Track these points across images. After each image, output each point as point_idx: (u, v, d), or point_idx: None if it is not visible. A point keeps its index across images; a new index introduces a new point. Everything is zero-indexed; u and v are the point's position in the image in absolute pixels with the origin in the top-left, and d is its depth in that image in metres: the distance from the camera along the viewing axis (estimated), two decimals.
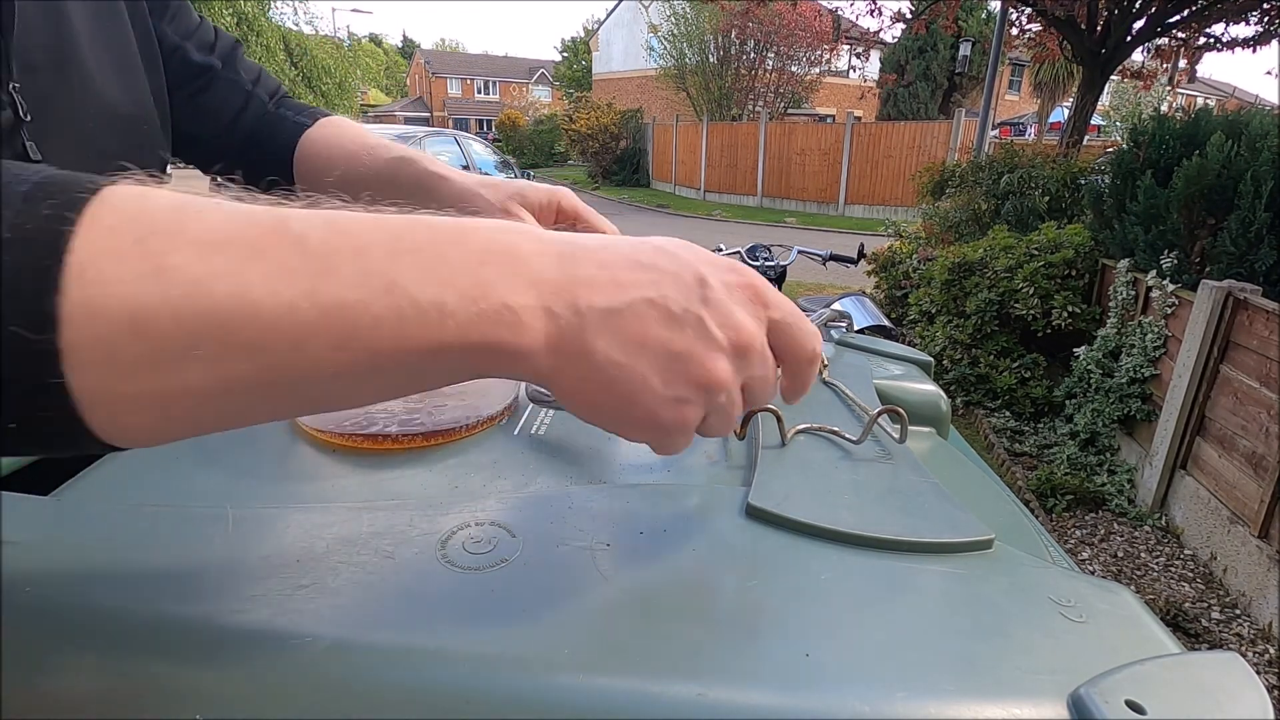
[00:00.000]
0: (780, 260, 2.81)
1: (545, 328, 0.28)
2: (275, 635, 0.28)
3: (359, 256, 0.26)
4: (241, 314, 0.23)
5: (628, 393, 0.29)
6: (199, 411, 0.25)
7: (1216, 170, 2.78)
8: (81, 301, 0.22)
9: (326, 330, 0.25)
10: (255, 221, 0.25)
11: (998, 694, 0.28)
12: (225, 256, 0.24)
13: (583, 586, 0.32)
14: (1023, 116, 21.70)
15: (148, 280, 0.22)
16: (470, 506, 0.37)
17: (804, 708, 0.26)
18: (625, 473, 0.43)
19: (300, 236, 0.25)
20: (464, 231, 0.28)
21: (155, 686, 0.27)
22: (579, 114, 18.95)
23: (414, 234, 0.27)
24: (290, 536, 0.34)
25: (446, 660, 0.27)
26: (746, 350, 0.31)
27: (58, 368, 0.22)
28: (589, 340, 0.29)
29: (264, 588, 0.30)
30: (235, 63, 0.69)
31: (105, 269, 0.22)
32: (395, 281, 0.26)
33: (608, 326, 0.29)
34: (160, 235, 0.23)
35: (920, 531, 0.37)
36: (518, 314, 0.27)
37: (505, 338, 0.27)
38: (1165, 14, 5.18)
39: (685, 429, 0.31)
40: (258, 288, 0.24)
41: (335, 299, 0.25)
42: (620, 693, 0.27)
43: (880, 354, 0.74)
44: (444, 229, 0.28)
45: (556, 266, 0.29)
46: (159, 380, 0.23)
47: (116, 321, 0.22)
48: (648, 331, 0.29)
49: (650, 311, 0.30)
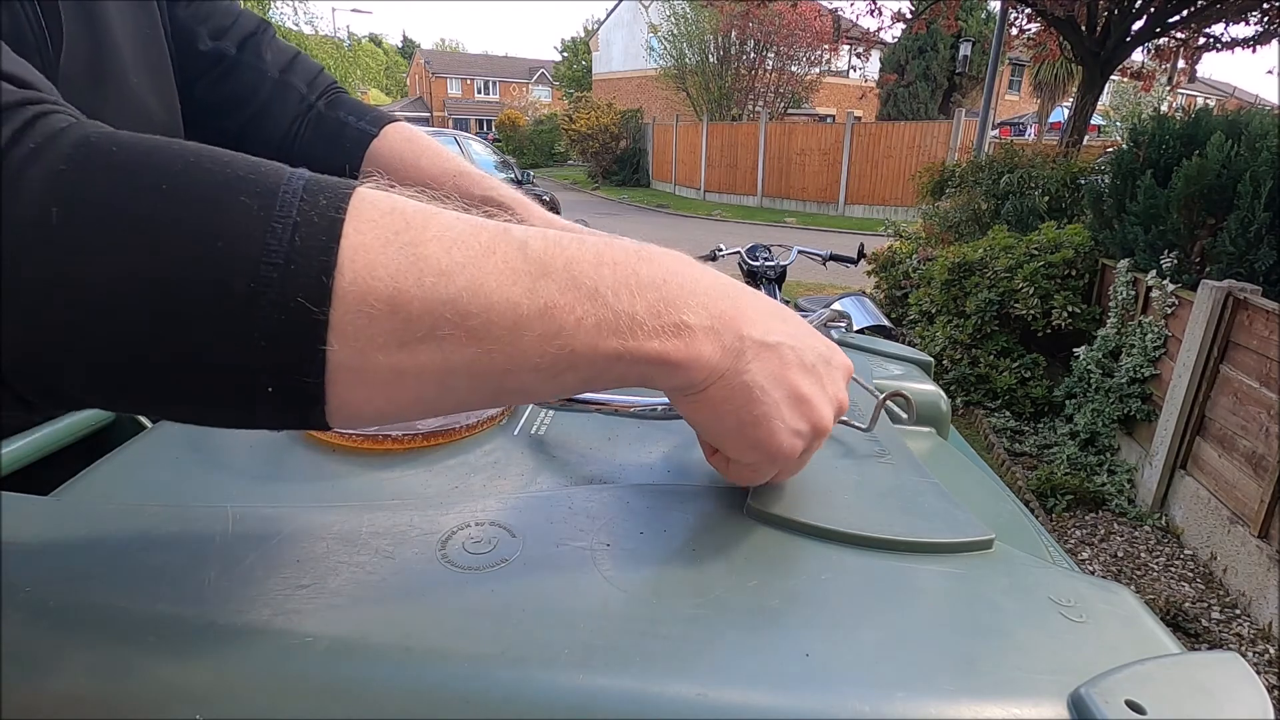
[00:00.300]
0: (780, 260, 2.81)
1: (711, 347, 0.32)
2: (275, 635, 0.28)
3: (570, 265, 0.29)
4: (476, 303, 0.27)
5: (762, 416, 0.34)
6: (421, 391, 0.28)
7: (1216, 170, 2.78)
8: (353, 280, 0.25)
9: (539, 325, 0.28)
10: (483, 226, 0.29)
11: (998, 694, 0.28)
12: (465, 252, 0.27)
13: (583, 586, 0.32)
14: (1023, 116, 21.69)
15: (406, 267, 0.26)
16: (470, 506, 0.37)
17: (804, 707, 0.26)
18: (625, 473, 0.43)
19: (522, 242, 0.29)
20: (651, 254, 0.32)
21: (155, 686, 0.27)
22: (579, 114, 18.94)
23: (611, 251, 0.31)
24: (290, 536, 0.34)
25: (446, 660, 0.27)
26: (839, 413, 0.38)
27: (326, 338, 0.25)
28: (744, 364, 0.33)
29: (264, 588, 0.30)
30: (260, 48, 0.64)
31: (374, 255, 0.25)
32: (597, 289, 0.29)
33: (759, 357, 0.34)
34: (414, 229, 0.27)
35: (920, 531, 0.37)
36: (693, 330, 0.31)
37: (679, 351, 0.31)
38: (1165, 14, 5.18)
39: (790, 458, 0.36)
40: (490, 281, 0.27)
41: (550, 299, 0.28)
42: (620, 693, 0.27)
43: (880, 354, 0.74)
44: (634, 249, 0.32)
45: (725, 298, 0.33)
46: (401, 357, 0.26)
47: (380, 300, 0.25)
48: (788, 371, 0.35)
49: (791, 355, 0.35)
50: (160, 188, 0.24)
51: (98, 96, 0.50)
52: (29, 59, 0.44)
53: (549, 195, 8.57)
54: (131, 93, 0.53)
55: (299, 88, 0.65)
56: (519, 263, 0.28)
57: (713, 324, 0.32)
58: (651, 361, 0.31)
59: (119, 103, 0.52)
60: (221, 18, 0.63)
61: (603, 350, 0.29)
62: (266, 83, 0.63)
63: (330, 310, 0.25)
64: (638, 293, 0.30)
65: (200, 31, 0.61)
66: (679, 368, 0.31)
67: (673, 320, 0.31)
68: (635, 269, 0.31)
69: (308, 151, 0.65)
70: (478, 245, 0.27)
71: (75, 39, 0.48)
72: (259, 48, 0.64)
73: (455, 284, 0.26)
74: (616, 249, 0.31)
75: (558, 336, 0.28)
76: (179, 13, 0.60)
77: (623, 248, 0.31)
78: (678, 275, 0.32)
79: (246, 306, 0.24)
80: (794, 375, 0.35)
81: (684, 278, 0.32)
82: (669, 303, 0.31)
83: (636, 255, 0.31)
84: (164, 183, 0.24)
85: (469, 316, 0.27)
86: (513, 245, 0.28)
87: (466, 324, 0.27)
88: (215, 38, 0.62)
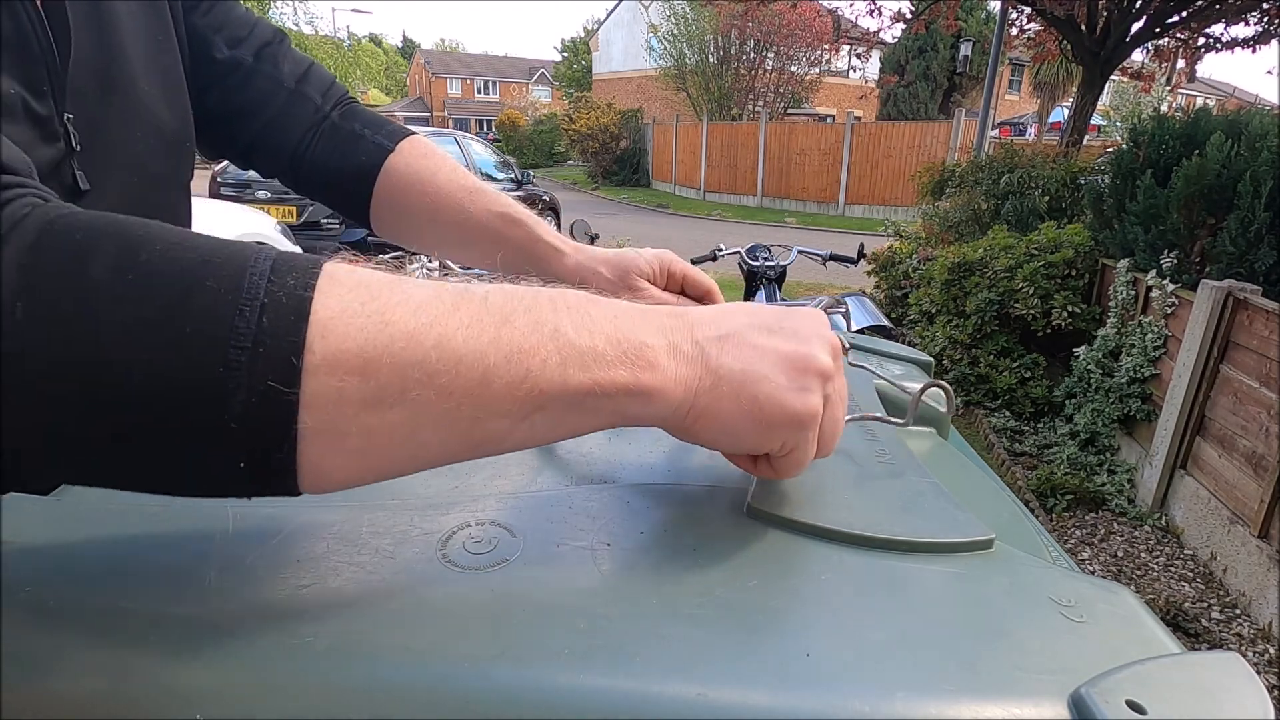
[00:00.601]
0: (780, 260, 2.81)
1: (675, 361, 0.33)
2: (275, 635, 0.28)
3: (530, 311, 0.30)
4: (445, 360, 0.27)
5: (761, 394, 0.34)
6: (393, 452, 0.28)
7: (1216, 170, 2.78)
8: (324, 356, 0.25)
9: (506, 372, 0.29)
10: (446, 287, 0.30)
11: (998, 694, 0.28)
12: (430, 313, 0.28)
13: (583, 586, 0.32)
14: (1023, 116, 21.70)
15: (375, 334, 0.26)
16: (470, 506, 0.37)
17: (804, 708, 0.26)
18: (625, 473, 0.43)
19: (483, 297, 0.30)
20: (596, 298, 0.33)
21: (155, 686, 0.27)
22: (579, 114, 18.94)
23: (565, 297, 0.32)
24: (290, 536, 0.34)
25: (446, 660, 0.27)
26: (835, 352, 0.37)
27: (297, 415, 0.25)
28: (712, 360, 0.34)
29: (264, 588, 0.30)
30: (276, 58, 0.64)
31: (342, 326, 0.26)
32: (559, 329, 0.30)
33: (724, 347, 0.34)
34: (380, 299, 0.27)
35: (920, 531, 0.37)
36: (654, 350, 0.32)
37: (647, 376, 0.32)
38: (1165, 14, 5.18)
39: (814, 414, 0.35)
40: (458, 337, 0.28)
41: (515, 344, 0.29)
42: (620, 693, 0.26)
43: (880, 354, 0.74)
44: (583, 294, 0.33)
45: (670, 315, 0.35)
46: (372, 421, 0.27)
47: (350, 371, 0.26)
48: (756, 341, 0.35)
49: (750, 332, 0.35)
50: (126, 276, 0.24)
51: (106, 104, 0.50)
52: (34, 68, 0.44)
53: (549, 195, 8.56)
54: (140, 101, 0.52)
55: (314, 98, 0.64)
56: (483, 314, 0.29)
57: (669, 340, 0.33)
58: (623, 391, 0.31)
59: (127, 111, 0.51)
60: (237, 27, 0.62)
61: (571, 386, 0.30)
62: (281, 93, 0.63)
63: (300, 389, 0.25)
64: (596, 329, 0.31)
65: (216, 40, 0.60)
66: (653, 394, 0.32)
67: (633, 346, 0.32)
68: (588, 310, 0.32)
69: (321, 162, 0.64)
70: (442, 305, 0.28)
71: (84, 46, 0.47)
72: (275, 57, 0.63)
73: (423, 345, 0.27)
74: (570, 294, 0.32)
75: (525, 380, 0.29)
76: (195, 20, 0.59)
77: (574, 293, 0.33)
78: (625, 310, 0.33)
79: (216, 389, 0.24)
80: (764, 342, 0.35)
81: (631, 311, 0.34)
82: (626, 332, 0.32)
83: (587, 299, 0.33)
84: (130, 271, 0.25)
85: (438, 375, 0.27)
86: (476, 300, 0.29)
87: (436, 382, 0.27)
88: (231, 46, 0.61)
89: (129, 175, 0.53)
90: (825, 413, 0.36)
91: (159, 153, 0.55)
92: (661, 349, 0.33)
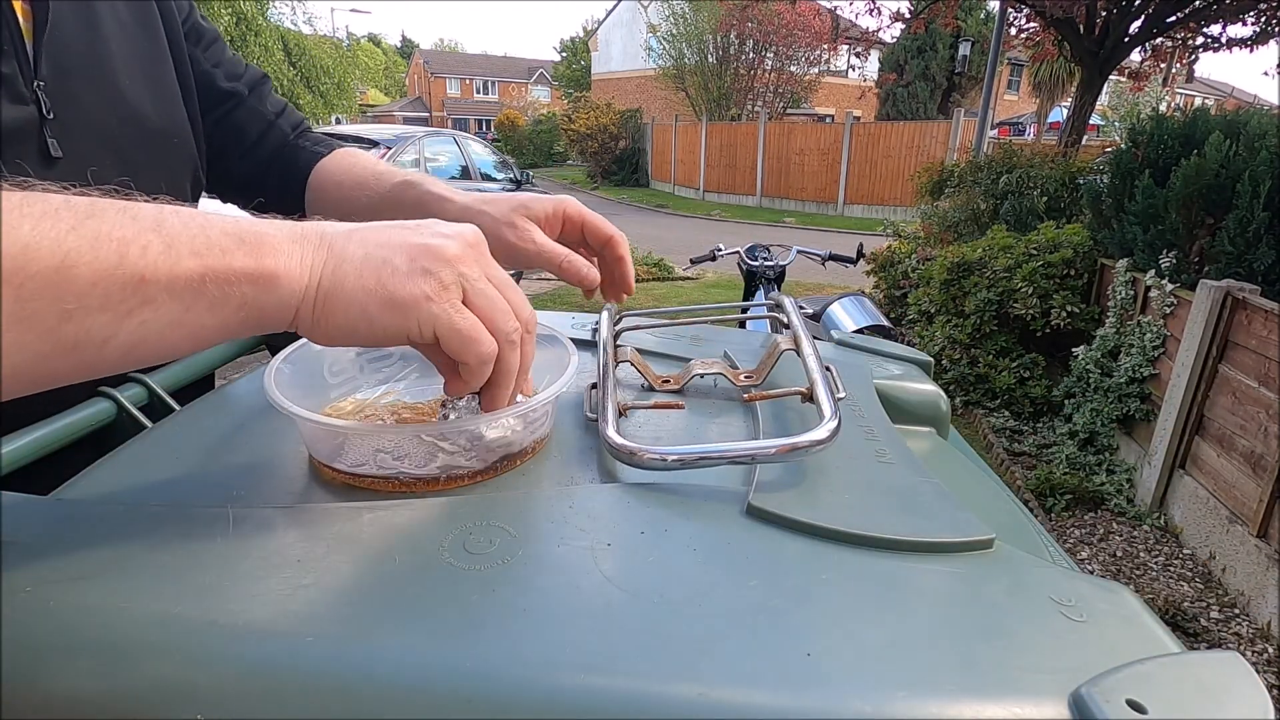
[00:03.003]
0: (779, 260, 2.81)
1: (297, 246, 0.34)
2: (275, 635, 0.28)
3: (128, 208, 0.29)
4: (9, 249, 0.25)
5: (378, 273, 0.35)
6: None
7: (1215, 170, 2.78)
8: None
9: (92, 255, 0.27)
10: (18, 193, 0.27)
11: (998, 693, 0.28)
12: None
13: (583, 586, 0.32)
14: (1022, 116, 21.70)
15: None
16: (470, 506, 0.37)
17: (805, 708, 0.26)
18: (626, 473, 0.43)
19: (65, 200, 0.28)
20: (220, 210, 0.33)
21: (155, 686, 0.27)
22: (578, 114, 18.94)
23: (173, 206, 0.31)
24: (290, 536, 0.34)
25: (446, 660, 0.27)
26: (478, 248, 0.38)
27: None
28: (337, 246, 0.35)
29: (264, 588, 0.30)
30: (262, 95, 0.75)
31: None
32: (162, 222, 0.29)
33: (350, 238, 0.36)
34: None
35: (920, 531, 0.37)
36: (274, 239, 0.33)
37: (266, 260, 0.32)
38: (1163, 14, 5.19)
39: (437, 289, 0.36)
40: (24, 226, 0.26)
41: (103, 232, 0.27)
42: (620, 693, 0.26)
43: (880, 354, 0.74)
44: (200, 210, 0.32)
45: (302, 224, 0.35)
46: None
47: None
48: (385, 235, 0.36)
49: (386, 227, 0.37)
50: None
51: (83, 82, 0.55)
52: None
53: None
54: (119, 90, 0.58)
55: (285, 130, 0.75)
56: (61, 209, 0.27)
57: (292, 232, 0.34)
58: (243, 277, 0.31)
59: (103, 95, 0.56)
60: (232, 65, 0.73)
61: (182, 273, 0.29)
62: (262, 123, 0.74)
63: None
64: (208, 224, 0.31)
65: (217, 74, 0.71)
66: (276, 277, 0.32)
67: (251, 234, 0.32)
68: (202, 214, 0.31)
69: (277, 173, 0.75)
70: (10, 202, 0.27)
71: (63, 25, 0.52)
72: (263, 94, 0.75)
73: None
74: (181, 208, 0.31)
75: (120, 266, 0.27)
76: (198, 54, 0.69)
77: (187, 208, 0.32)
78: (247, 217, 0.34)
79: None
80: (392, 235, 0.36)
81: (253, 218, 0.33)
82: (242, 226, 0.32)
83: (202, 210, 0.32)
84: None
85: None
86: (54, 201, 0.28)
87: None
88: (230, 80, 0.72)
89: (104, 154, 0.57)
90: (472, 292, 0.37)
91: (138, 141, 0.60)
92: (283, 237, 0.33)
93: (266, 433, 0.47)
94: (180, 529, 0.34)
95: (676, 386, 0.55)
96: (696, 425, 0.50)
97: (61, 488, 0.40)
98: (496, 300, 0.38)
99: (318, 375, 0.49)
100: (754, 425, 0.50)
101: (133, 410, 0.51)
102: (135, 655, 0.27)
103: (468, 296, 0.37)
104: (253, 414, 0.49)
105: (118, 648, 0.27)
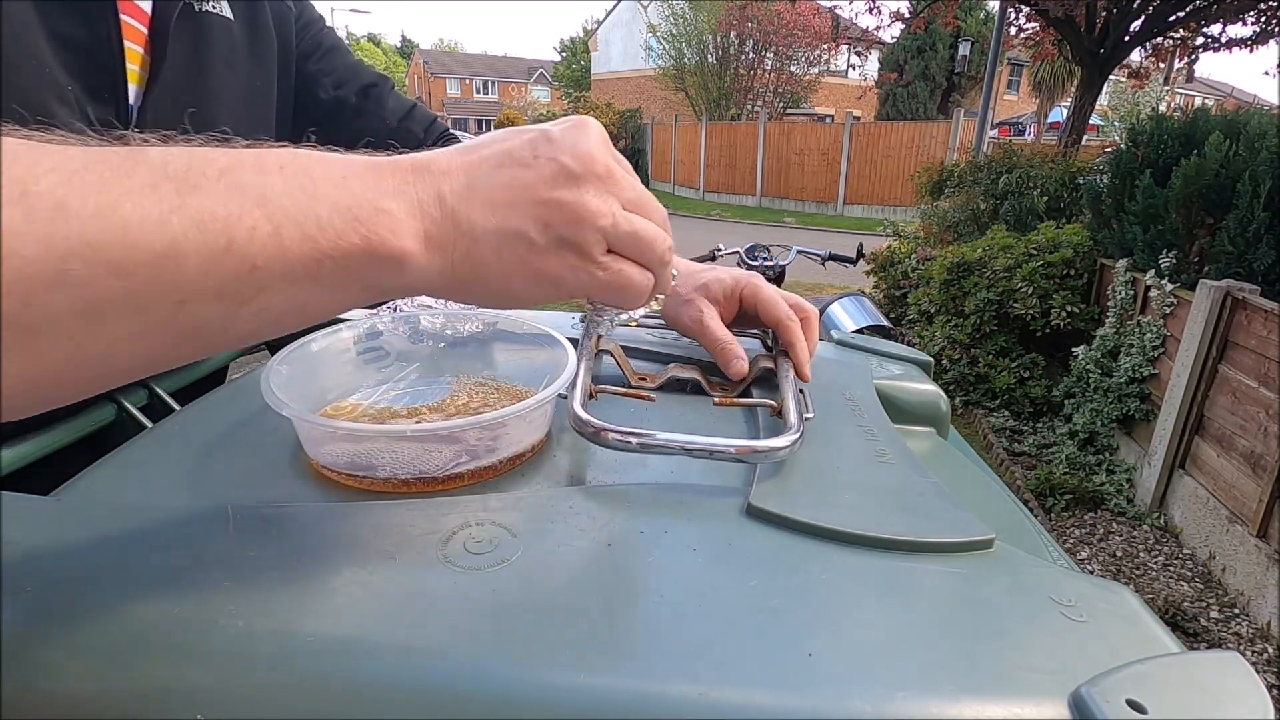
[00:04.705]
0: (779, 260, 2.81)
1: (420, 222, 0.30)
2: (275, 635, 0.28)
3: (226, 174, 0.26)
4: (110, 232, 0.23)
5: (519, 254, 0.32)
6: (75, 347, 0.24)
7: (1215, 170, 2.78)
8: None
9: (200, 243, 0.24)
10: (114, 151, 0.25)
11: (999, 693, 0.28)
12: (88, 177, 0.23)
13: (583, 587, 0.32)
14: (1022, 116, 21.70)
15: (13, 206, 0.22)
16: (470, 506, 0.37)
17: (805, 708, 0.26)
18: (626, 473, 0.43)
19: (163, 161, 0.25)
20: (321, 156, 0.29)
21: (155, 686, 0.27)
22: (578, 114, 18.91)
23: (275, 155, 0.28)
24: (290, 536, 0.34)
25: (447, 660, 0.27)
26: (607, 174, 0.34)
27: None
28: (463, 221, 0.31)
29: (264, 588, 0.30)
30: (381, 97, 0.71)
31: None
32: (266, 196, 0.26)
33: (474, 203, 0.31)
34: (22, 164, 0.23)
35: (920, 531, 0.37)
36: (393, 216, 0.29)
37: (386, 239, 0.29)
38: (1163, 14, 5.19)
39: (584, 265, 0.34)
40: (126, 204, 0.23)
41: (206, 211, 0.25)
42: (620, 693, 0.26)
43: (880, 354, 0.74)
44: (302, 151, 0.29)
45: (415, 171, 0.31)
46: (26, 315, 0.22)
47: None
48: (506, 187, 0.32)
49: (502, 166, 0.32)
50: None
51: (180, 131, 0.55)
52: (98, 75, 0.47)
53: None
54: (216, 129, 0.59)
55: (417, 133, 0.71)
56: (160, 180, 0.25)
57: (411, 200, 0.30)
58: (364, 259, 0.28)
59: None
60: (344, 72, 0.70)
61: (296, 259, 0.26)
62: (384, 130, 0.69)
63: None
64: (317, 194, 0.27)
65: (324, 82, 0.68)
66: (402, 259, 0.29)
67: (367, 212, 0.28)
68: (308, 168, 0.28)
69: None
70: (107, 168, 0.24)
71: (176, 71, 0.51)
72: (380, 97, 0.71)
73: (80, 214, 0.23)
74: (281, 153, 0.28)
75: (230, 252, 0.25)
76: (308, 66, 0.67)
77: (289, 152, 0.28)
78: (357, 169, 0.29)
79: None
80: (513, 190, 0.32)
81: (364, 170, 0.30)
82: (356, 196, 0.28)
83: (306, 156, 0.28)
84: None
85: (104, 248, 0.23)
86: (153, 164, 0.25)
87: (102, 255, 0.23)
88: (336, 88, 0.69)
89: None
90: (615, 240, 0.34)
91: None
92: (402, 212, 0.30)
93: (266, 433, 0.47)
94: (180, 529, 0.34)
95: (652, 385, 0.55)
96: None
97: (61, 488, 0.40)
98: (641, 236, 0.36)
99: (316, 376, 0.49)
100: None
101: (133, 411, 0.51)
102: (135, 655, 0.27)
103: (612, 244, 0.35)
104: (252, 414, 0.49)
105: (118, 648, 0.27)
